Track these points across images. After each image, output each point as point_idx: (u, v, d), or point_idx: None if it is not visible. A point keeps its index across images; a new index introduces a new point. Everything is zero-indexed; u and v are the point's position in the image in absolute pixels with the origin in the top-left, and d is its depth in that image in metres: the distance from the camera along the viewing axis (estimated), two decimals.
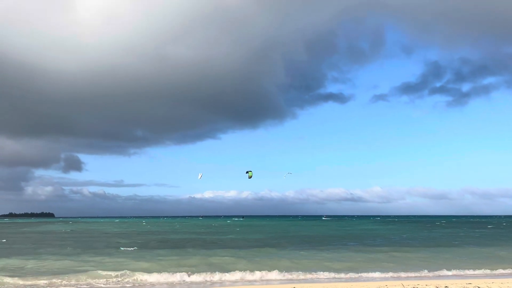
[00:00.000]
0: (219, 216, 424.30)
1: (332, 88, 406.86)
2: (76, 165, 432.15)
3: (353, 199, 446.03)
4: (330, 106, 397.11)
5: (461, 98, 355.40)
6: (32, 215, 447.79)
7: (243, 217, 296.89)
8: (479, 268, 30.26)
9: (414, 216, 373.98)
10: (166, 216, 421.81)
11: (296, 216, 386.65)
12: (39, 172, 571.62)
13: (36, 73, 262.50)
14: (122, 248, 43.21)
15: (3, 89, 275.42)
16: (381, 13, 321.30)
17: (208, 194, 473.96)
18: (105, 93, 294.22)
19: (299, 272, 28.10)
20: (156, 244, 49.37)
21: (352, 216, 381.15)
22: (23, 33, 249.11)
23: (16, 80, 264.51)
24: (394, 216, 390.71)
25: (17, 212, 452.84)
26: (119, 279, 25.57)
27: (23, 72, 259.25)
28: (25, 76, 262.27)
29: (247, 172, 37.63)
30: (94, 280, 25.09)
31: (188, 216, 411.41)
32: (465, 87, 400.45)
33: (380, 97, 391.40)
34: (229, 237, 63.91)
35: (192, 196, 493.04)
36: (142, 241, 54.26)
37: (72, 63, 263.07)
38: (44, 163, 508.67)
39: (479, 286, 21.46)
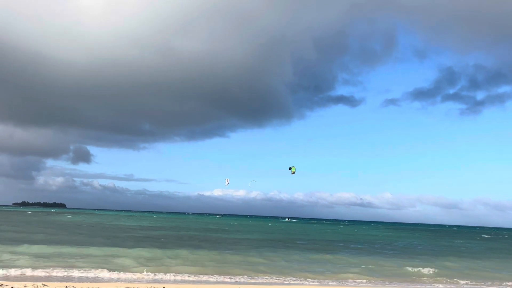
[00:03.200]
0: (239, 215, 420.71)
1: (343, 90, 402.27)
2: (85, 157, 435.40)
3: (363, 205, 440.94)
4: (340, 109, 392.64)
5: (475, 106, 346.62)
6: (44, 204, 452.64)
7: (287, 219, 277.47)
8: None
9: (430, 225, 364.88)
10: (185, 213, 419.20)
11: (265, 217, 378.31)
12: (49, 162, 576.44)
13: (39, 61, 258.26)
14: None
15: (6, 76, 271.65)
16: (393, 14, 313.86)
17: (217, 192, 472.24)
18: (110, 85, 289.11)
19: None
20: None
21: (363, 222, 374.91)
22: (25, 19, 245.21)
23: (19, 67, 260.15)
24: (406, 223, 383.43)
25: (30, 201, 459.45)
26: None
27: (27, 60, 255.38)
28: (28, 64, 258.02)
29: (290, 168, 34.82)
30: None
31: (205, 214, 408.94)
32: (479, 95, 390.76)
33: (392, 102, 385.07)
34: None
35: (201, 193, 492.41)
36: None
37: (76, 52, 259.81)
38: (53, 153, 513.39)
39: None
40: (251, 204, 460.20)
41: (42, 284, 20.35)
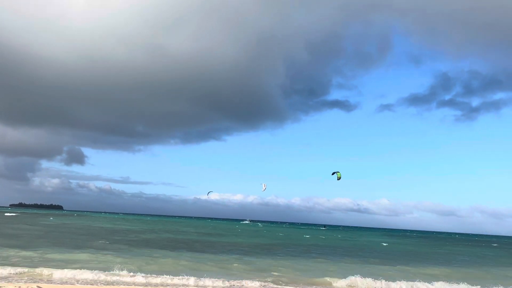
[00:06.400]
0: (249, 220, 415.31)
1: (337, 94, 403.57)
2: (79, 158, 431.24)
3: (360, 210, 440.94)
4: (336, 114, 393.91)
5: (470, 113, 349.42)
6: (41, 206, 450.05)
7: (324, 226, 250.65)
8: None
9: (431, 232, 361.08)
10: (195, 217, 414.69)
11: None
12: (44, 163, 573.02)
13: (23, 58, 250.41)
14: None
15: None
16: (388, 17, 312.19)
17: (213, 196, 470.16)
18: (100, 84, 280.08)
19: None
20: None
21: (358, 228, 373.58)
22: (9, 13, 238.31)
23: (2, 64, 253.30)
24: (404, 230, 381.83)
25: (27, 203, 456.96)
26: None
27: (9, 56, 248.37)
28: (12, 61, 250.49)
29: (333, 174, 33.48)
30: None
31: (218, 218, 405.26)
32: (475, 101, 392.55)
33: (387, 107, 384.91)
34: None
35: (198, 197, 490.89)
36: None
37: (61, 49, 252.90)
38: (47, 155, 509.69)
39: None
40: (248, 209, 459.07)
41: (37, 286, 19.99)
